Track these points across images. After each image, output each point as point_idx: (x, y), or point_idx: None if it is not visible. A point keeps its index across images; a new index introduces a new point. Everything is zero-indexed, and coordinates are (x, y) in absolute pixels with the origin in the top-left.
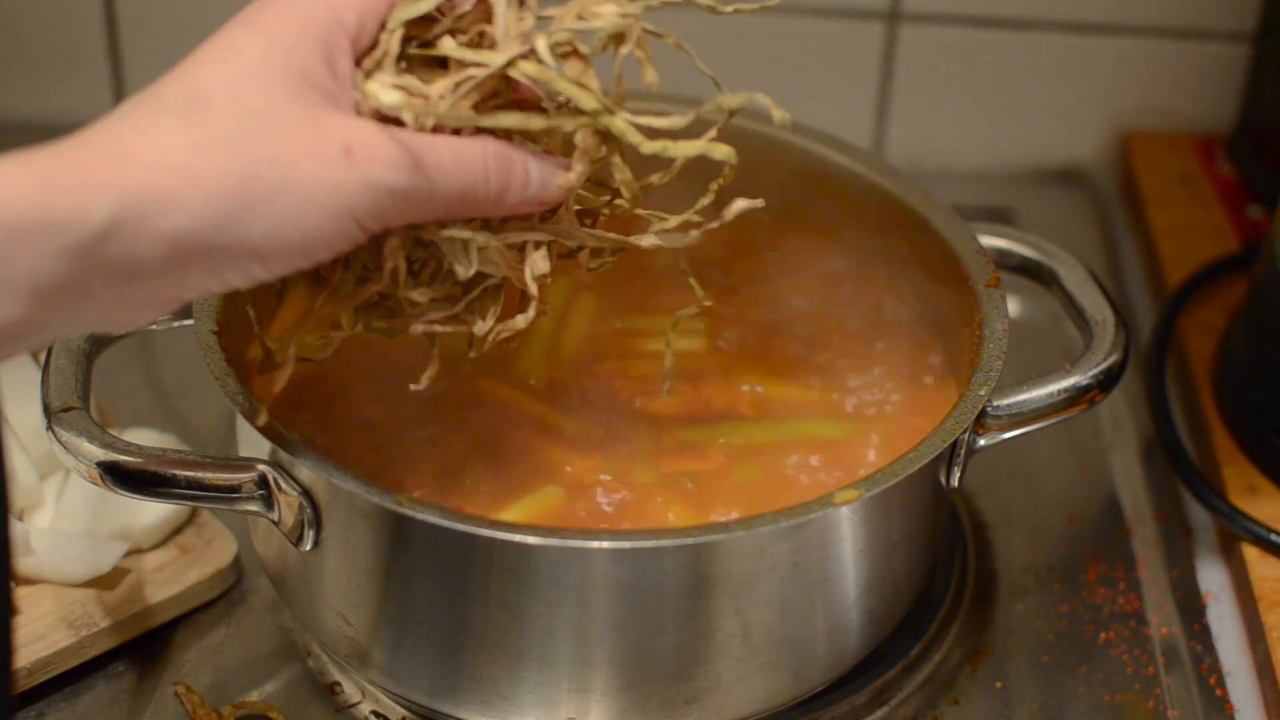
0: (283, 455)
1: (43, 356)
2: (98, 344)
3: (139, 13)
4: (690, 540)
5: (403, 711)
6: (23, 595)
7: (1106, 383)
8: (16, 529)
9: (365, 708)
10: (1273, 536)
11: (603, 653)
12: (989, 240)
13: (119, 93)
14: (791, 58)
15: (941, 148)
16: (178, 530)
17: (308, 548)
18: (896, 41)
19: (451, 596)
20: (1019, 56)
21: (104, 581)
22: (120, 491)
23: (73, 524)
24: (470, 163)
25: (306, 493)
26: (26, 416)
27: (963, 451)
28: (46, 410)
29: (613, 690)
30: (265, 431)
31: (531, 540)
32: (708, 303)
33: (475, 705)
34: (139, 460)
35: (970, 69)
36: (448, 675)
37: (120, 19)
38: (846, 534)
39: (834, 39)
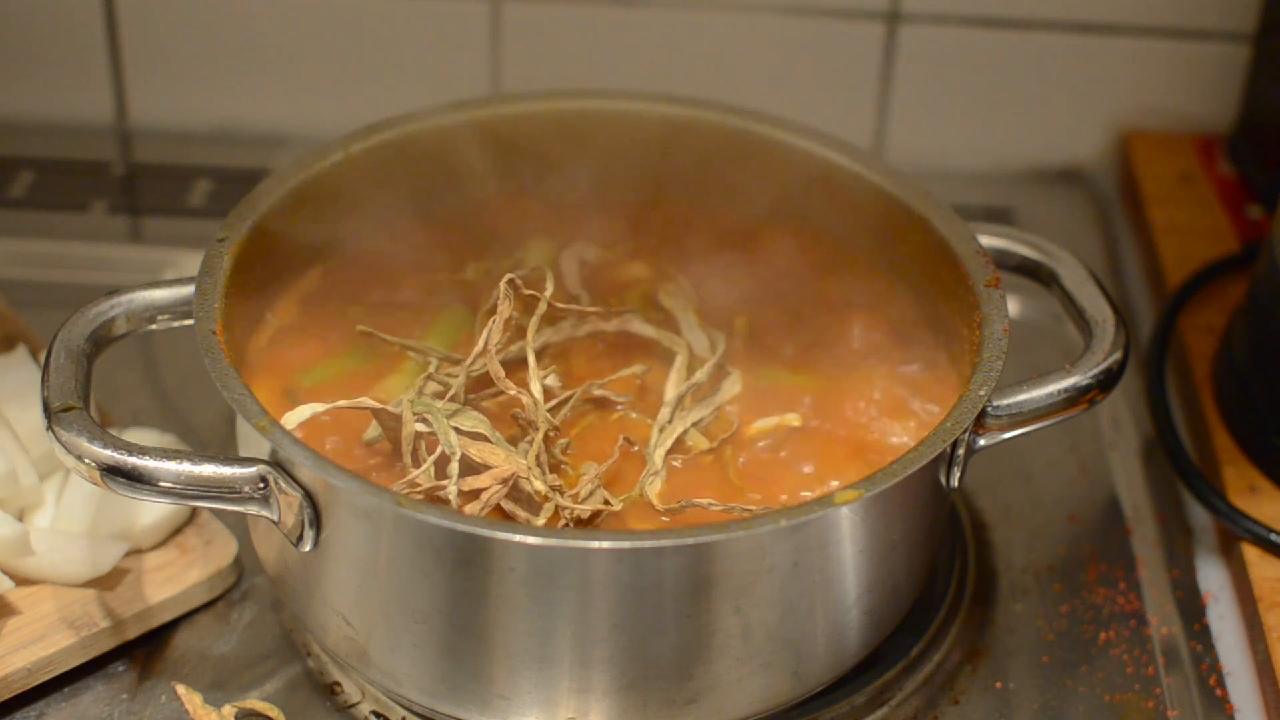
0: (282, 455)
1: (43, 356)
2: (98, 344)
3: (139, 13)
4: (690, 540)
5: (403, 711)
6: (23, 595)
7: (1107, 382)
8: (16, 529)
9: (365, 708)
10: (1273, 536)
11: (602, 653)
12: (989, 240)
13: (119, 93)
14: (791, 58)
15: (941, 148)
16: (178, 530)
17: (308, 548)
18: (896, 41)
19: (451, 596)
20: (1019, 56)
21: (104, 581)
22: (120, 491)
23: (73, 524)
24: None
25: (307, 493)
26: (26, 416)
27: (962, 451)
28: (46, 410)
29: (612, 690)
30: (264, 430)
31: (531, 540)
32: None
33: (475, 705)
34: (138, 460)
35: (970, 69)
36: (448, 675)
37: (120, 19)
38: (846, 534)
39: (834, 39)
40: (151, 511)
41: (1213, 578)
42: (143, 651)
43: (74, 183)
